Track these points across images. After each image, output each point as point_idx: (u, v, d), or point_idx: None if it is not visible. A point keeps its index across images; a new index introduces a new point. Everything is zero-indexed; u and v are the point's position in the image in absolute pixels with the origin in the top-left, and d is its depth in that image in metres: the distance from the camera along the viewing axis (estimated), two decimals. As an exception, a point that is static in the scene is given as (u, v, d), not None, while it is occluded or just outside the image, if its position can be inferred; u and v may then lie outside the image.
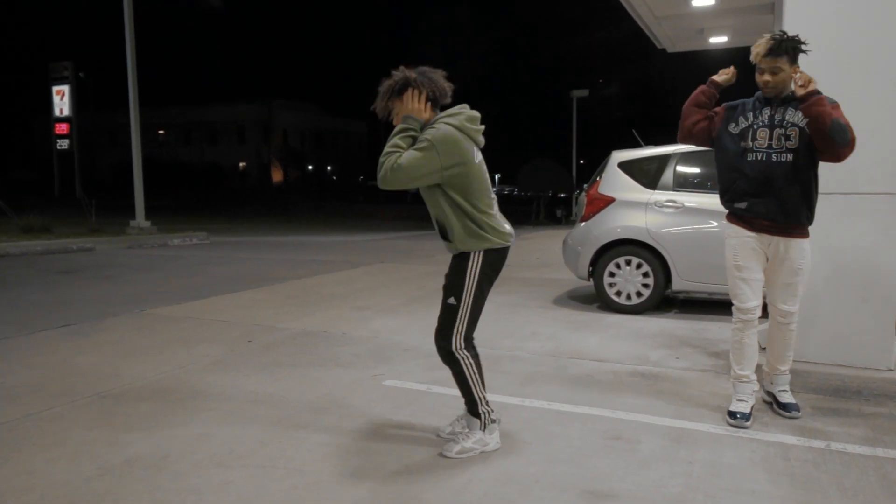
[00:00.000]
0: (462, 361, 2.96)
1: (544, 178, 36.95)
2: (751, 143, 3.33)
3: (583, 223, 6.58)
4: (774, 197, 3.28)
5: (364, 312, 6.24)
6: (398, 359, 4.62)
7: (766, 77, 3.23)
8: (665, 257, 6.12)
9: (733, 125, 3.40)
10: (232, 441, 3.14)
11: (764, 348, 4.27)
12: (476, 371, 2.98)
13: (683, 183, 6.27)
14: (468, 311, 2.95)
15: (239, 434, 3.23)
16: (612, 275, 6.33)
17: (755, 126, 3.33)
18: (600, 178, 6.58)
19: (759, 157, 3.30)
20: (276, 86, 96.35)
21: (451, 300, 2.95)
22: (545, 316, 6.10)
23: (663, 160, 6.38)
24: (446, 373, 3.08)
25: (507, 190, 63.25)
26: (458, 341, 2.95)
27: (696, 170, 6.34)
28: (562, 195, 38.57)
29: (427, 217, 3.17)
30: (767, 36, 3.31)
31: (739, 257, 3.40)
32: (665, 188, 6.26)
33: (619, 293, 6.32)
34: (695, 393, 3.91)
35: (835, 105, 3.18)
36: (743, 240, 3.40)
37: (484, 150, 3.06)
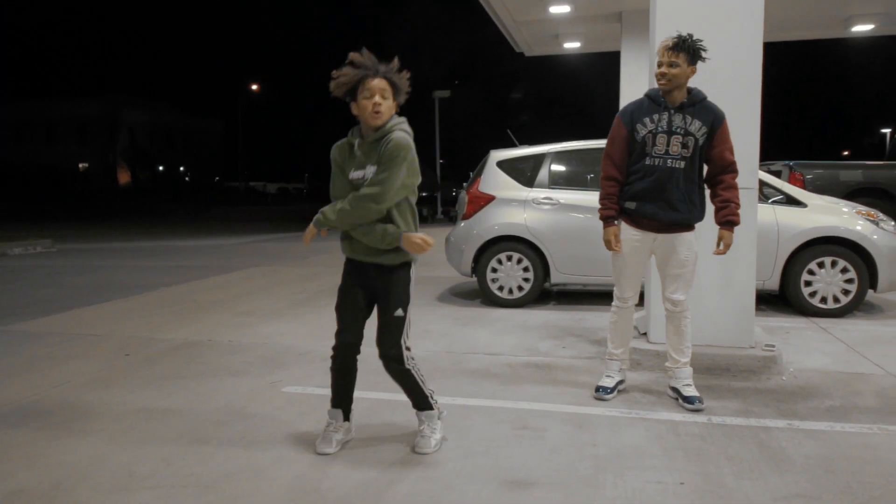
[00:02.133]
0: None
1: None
2: (650, 149, 3.49)
3: (464, 221, 6.74)
4: (664, 201, 3.50)
5: (248, 318, 6.03)
6: (293, 364, 4.51)
7: (664, 69, 3.42)
8: (544, 252, 6.40)
9: (637, 133, 3.52)
10: (131, 462, 2.94)
11: (644, 333, 4.61)
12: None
13: (558, 181, 6.59)
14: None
15: (137, 454, 3.03)
16: (494, 270, 6.54)
17: (655, 132, 3.48)
18: (480, 177, 6.77)
19: (655, 163, 3.48)
20: (122, 81, 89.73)
21: None
22: (434, 313, 6.19)
23: (538, 159, 6.67)
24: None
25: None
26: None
27: (569, 168, 6.68)
28: (424, 194, 39.00)
29: (285, 218, 3.22)
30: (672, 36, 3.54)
31: (623, 253, 3.65)
32: (541, 186, 6.55)
33: (501, 288, 6.53)
34: (586, 379, 4.13)
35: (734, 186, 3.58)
36: (627, 237, 3.63)
37: None
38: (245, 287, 7.94)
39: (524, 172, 6.65)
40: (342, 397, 3.15)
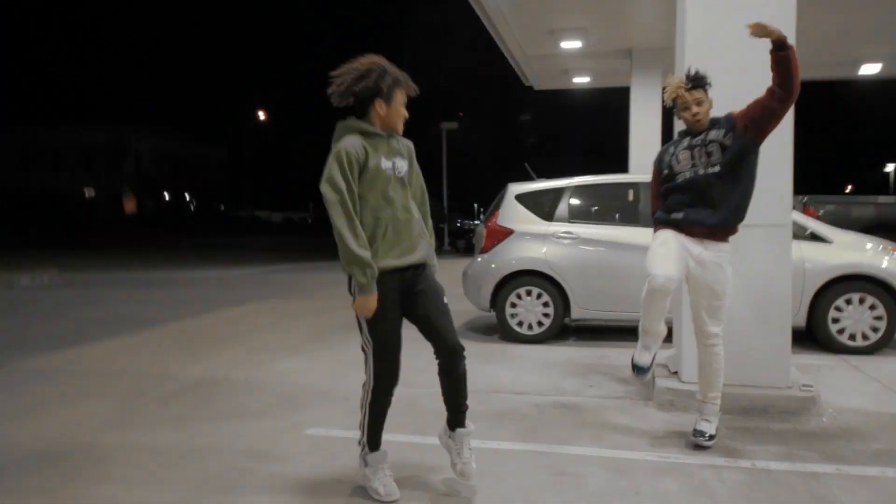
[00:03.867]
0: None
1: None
2: (678, 166, 3.52)
3: (483, 255, 6.64)
4: (707, 206, 3.42)
5: (262, 354, 5.89)
6: (314, 404, 4.37)
7: (695, 109, 3.45)
8: (564, 287, 6.29)
9: (662, 164, 3.64)
10: (153, 512, 2.80)
11: (675, 372, 4.47)
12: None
13: (578, 214, 6.51)
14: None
15: (157, 503, 2.88)
16: (513, 305, 6.42)
17: (676, 152, 3.56)
18: (498, 210, 6.69)
19: (687, 176, 3.48)
20: (128, 107, 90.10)
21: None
22: (452, 349, 6.03)
23: (558, 193, 6.59)
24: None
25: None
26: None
27: (589, 202, 6.60)
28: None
29: (291, 248, 3.16)
30: (677, 76, 3.55)
31: (665, 241, 3.44)
32: (561, 220, 6.47)
33: (520, 323, 6.41)
34: (619, 421, 3.99)
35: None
36: (670, 233, 3.47)
37: None
38: (255, 321, 7.81)
39: (543, 206, 6.57)
40: (380, 438, 3.06)
